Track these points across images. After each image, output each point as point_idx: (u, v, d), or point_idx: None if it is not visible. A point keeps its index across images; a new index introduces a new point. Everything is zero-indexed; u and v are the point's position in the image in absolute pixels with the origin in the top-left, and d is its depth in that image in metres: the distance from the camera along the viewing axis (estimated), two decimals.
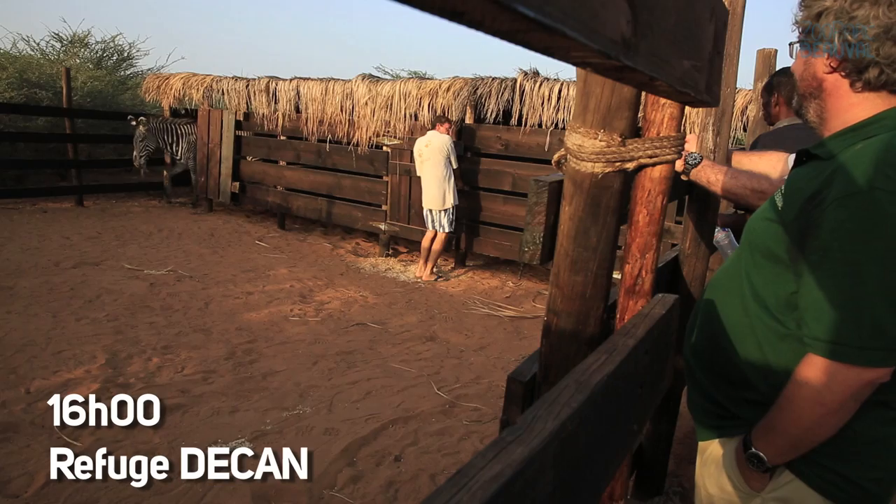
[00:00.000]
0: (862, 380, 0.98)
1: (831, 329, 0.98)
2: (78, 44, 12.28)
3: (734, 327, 1.20)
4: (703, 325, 1.29)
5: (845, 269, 0.97)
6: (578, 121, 1.06)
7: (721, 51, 0.98)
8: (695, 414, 1.32)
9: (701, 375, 1.28)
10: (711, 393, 1.25)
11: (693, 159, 1.86)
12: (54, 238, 6.99)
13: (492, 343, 4.76)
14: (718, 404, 1.24)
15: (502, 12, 0.33)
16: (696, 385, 1.31)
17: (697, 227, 2.18)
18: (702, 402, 1.28)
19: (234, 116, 8.93)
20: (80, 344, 4.07)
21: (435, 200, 6.27)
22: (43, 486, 2.59)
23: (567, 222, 1.09)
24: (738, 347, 1.18)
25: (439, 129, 6.25)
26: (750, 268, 1.17)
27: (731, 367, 1.20)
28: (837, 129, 1.09)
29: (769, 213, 1.15)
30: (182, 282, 5.72)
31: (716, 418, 1.25)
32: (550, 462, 0.55)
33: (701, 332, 1.30)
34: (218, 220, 8.91)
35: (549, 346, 1.16)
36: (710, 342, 1.25)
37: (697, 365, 1.29)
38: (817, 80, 1.11)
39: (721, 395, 1.23)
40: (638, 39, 0.55)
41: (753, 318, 1.16)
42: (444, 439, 3.23)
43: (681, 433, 3.25)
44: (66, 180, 10.10)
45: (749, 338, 1.17)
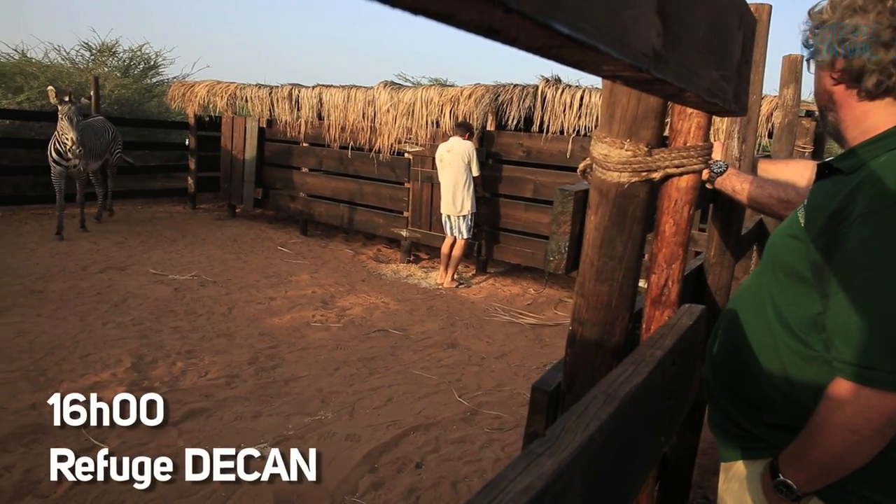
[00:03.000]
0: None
1: (861, 352, 0.94)
2: (106, 53, 12.52)
3: (758, 348, 1.17)
4: (724, 344, 1.27)
5: (873, 289, 0.93)
6: (604, 130, 1.06)
7: (749, 59, 0.97)
8: (716, 434, 1.29)
9: (721, 396, 1.25)
10: (733, 414, 1.22)
11: (718, 168, 1.84)
12: (82, 243, 7.12)
13: (513, 350, 4.74)
14: (740, 426, 1.20)
15: (538, 30, 0.34)
16: (716, 405, 1.28)
17: (722, 236, 2.15)
18: (723, 422, 1.25)
19: (258, 123, 9.04)
20: (107, 347, 4.14)
21: (453, 206, 6.28)
22: (71, 487, 2.63)
23: (592, 232, 1.09)
24: (762, 369, 1.15)
25: (465, 137, 6.28)
26: (772, 286, 1.15)
27: (755, 389, 1.17)
28: (858, 139, 1.08)
29: (791, 230, 1.12)
30: (206, 287, 5.79)
31: (738, 439, 1.21)
32: (580, 474, 0.55)
33: (722, 351, 1.27)
34: (241, 226, 9.01)
35: (573, 356, 1.15)
36: (733, 363, 1.23)
37: (718, 386, 1.26)
38: (828, 93, 1.11)
39: (743, 417, 1.20)
40: (668, 52, 0.55)
41: (778, 339, 1.12)
42: (465, 447, 3.22)
43: (705, 444, 3.20)
44: (93, 186, 10.28)
45: (773, 359, 1.13)
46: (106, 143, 8.12)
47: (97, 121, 8.24)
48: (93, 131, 7.81)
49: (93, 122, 8.08)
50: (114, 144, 8.42)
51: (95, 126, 8.00)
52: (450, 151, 6.23)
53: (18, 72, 10.49)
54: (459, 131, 6.30)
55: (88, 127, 7.70)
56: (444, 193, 6.35)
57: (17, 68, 10.62)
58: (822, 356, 1.05)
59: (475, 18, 0.31)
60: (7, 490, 2.57)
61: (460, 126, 6.34)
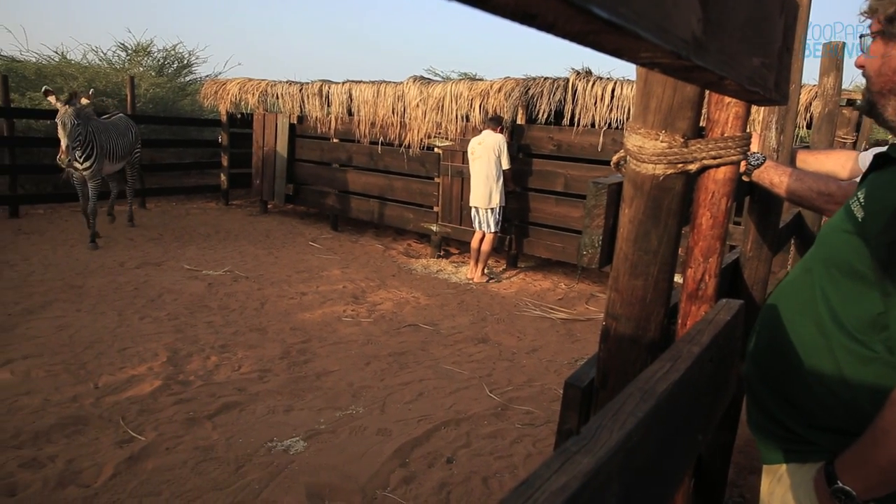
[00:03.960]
0: None
1: None
2: (141, 52, 12.77)
3: (807, 348, 1.12)
4: (767, 343, 1.21)
5: None
6: (639, 121, 1.04)
7: (791, 47, 0.94)
8: (758, 434, 1.24)
9: (765, 396, 1.20)
10: (778, 415, 1.17)
11: (755, 160, 1.80)
12: (120, 239, 7.28)
13: (544, 346, 4.72)
14: (786, 427, 1.16)
15: (576, 14, 0.32)
16: (759, 405, 1.23)
17: (759, 230, 2.10)
18: (766, 423, 1.21)
19: (289, 120, 9.13)
20: (144, 341, 4.23)
21: (482, 198, 6.26)
22: (111, 478, 2.69)
23: (627, 225, 1.07)
24: (813, 370, 1.10)
25: (497, 131, 6.26)
26: (825, 284, 1.09)
27: (804, 390, 1.12)
28: None
29: (847, 225, 1.06)
30: (238, 282, 5.87)
31: (783, 441, 1.17)
32: (617, 474, 0.54)
33: (766, 350, 1.21)
34: (272, 222, 9.12)
35: (607, 352, 1.14)
36: (778, 363, 1.18)
37: (762, 385, 1.21)
38: None
39: (789, 418, 1.15)
40: (708, 38, 0.53)
41: (831, 339, 1.07)
42: (496, 442, 3.21)
43: (741, 441, 3.14)
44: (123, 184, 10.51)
45: (826, 360, 1.08)
46: (129, 143, 7.65)
47: (119, 119, 7.79)
48: (116, 131, 7.35)
49: (116, 120, 7.66)
50: (136, 145, 8.02)
51: (119, 125, 7.56)
52: (481, 144, 6.22)
53: (59, 73, 10.77)
54: (491, 125, 6.28)
55: (112, 126, 7.33)
56: (475, 185, 6.35)
57: (58, 70, 10.91)
58: (882, 357, 1.00)
59: (510, 3, 0.30)
60: (51, 479, 2.64)
61: (492, 119, 6.33)
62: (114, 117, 7.77)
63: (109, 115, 7.92)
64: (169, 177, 11.25)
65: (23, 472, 2.68)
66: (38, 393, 3.38)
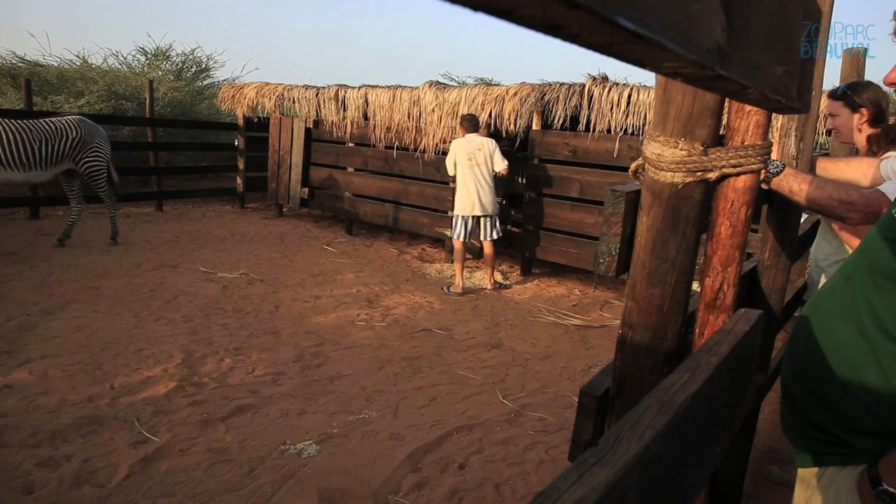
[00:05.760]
0: None
1: None
2: (161, 57, 12.92)
3: (850, 356, 1.11)
4: (808, 350, 1.20)
5: None
6: (658, 129, 1.03)
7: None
8: (794, 438, 1.23)
9: (806, 401, 1.19)
10: (818, 420, 1.17)
11: (775, 167, 1.78)
12: (137, 241, 7.35)
13: (558, 352, 4.69)
14: (826, 431, 1.15)
15: (601, 25, 0.32)
16: (797, 410, 1.22)
17: (778, 238, 2.08)
18: (804, 427, 1.20)
19: (305, 124, 9.18)
20: (159, 343, 4.26)
21: (491, 204, 6.12)
22: (125, 478, 2.71)
23: (645, 233, 1.06)
24: (857, 376, 1.10)
25: (482, 133, 6.20)
26: (869, 292, 1.09)
27: (847, 396, 1.11)
28: None
29: (890, 232, 1.06)
30: (253, 285, 5.90)
31: (822, 444, 1.17)
32: (635, 486, 0.53)
33: (806, 357, 1.21)
34: (287, 225, 9.16)
35: (623, 360, 1.13)
36: (820, 369, 1.17)
37: (802, 391, 1.20)
38: None
39: (830, 423, 1.15)
40: (732, 47, 0.53)
41: (877, 346, 1.07)
42: (508, 448, 3.20)
43: (756, 452, 3.11)
44: (147, 186, 10.62)
45: (870, 367, 1.08)
46: (55, 150, 6.43)
47: (55, 121, 6.57)
48: (40, 135, 6.32)
49: (52, 121, 6.54)
50: (79, 151, 6.62)
51: (47, 129, 6.41)
52: (481, 149, 6.04)
53: (79, 77, 10.93)
54: (473, 127, 6.12)
55: (33, 129, 6.29)
56: (483, 192, 6.08)
57: (79, 74, 11.07)
58: None
59: (537, 14, 0.30)
60: (67, 478, 2.67)
61: (472, 122, 6.13)
62: (58, 118, 6.71)
63: (61, 116, 6.92)
64: (186, 180, 11.37)
65: (39, 471, 2.71)
66: (55, 393, 3.42)
